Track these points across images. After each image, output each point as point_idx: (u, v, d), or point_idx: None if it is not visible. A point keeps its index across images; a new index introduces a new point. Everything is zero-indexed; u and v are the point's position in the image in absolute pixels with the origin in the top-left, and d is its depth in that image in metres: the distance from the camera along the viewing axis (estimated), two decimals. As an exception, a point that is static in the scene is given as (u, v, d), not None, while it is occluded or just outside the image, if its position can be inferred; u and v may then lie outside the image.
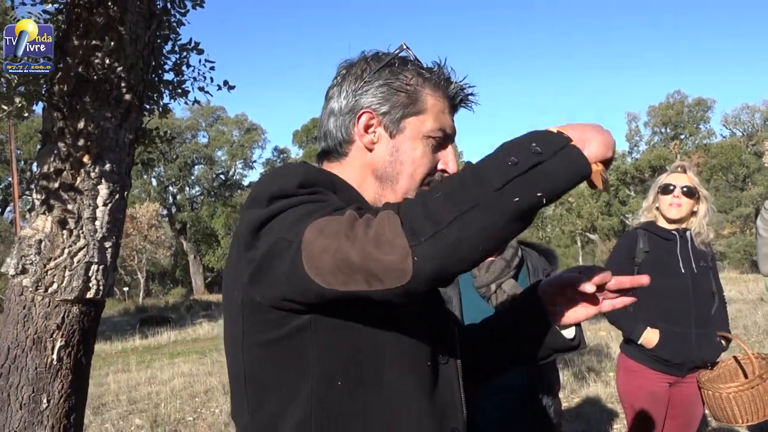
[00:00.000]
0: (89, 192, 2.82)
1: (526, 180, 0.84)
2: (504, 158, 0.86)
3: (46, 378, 2.77)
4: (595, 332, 9.62)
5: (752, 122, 46.32)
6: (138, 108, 3.02)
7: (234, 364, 1.11)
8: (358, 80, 1.14)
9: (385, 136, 1.14)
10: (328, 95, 1.19)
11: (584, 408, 5.60)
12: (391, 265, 0.84)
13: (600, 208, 40.56)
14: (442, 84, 1.15)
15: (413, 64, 1.15)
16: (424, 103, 1.13)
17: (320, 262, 0.88)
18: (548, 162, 0.85)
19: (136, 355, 12.64)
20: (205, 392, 7.88)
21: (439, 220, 0.83)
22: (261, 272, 0.97)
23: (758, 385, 2.62)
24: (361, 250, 0.85)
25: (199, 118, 41.78)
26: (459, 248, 0.83)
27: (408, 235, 0.83)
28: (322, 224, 0.90)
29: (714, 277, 3.07)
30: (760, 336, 8.32)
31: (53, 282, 2.77)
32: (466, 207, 0.83)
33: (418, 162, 1.13)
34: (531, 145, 0.86)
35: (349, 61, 1.19)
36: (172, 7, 3.41)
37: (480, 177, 0.86)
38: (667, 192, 3.01)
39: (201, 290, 37.50)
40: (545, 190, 0.84)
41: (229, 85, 3.82)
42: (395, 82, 1.13)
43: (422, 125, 1.13)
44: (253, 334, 1.05)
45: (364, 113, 1.13)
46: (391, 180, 1.14)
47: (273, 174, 1.08)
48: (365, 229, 0.86)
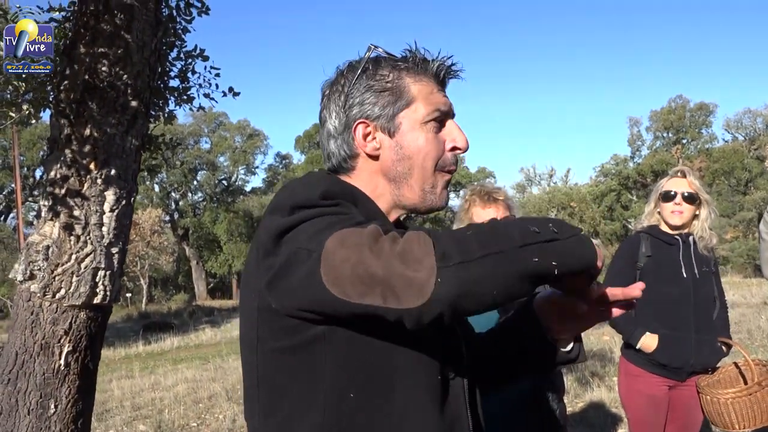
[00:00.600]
0: (96, 198, 2.85)
1: (544, 248, 0.89)
2: (526, 225, 0.91)
3: (53, 383, 2.79)
4: (598, 337, 9.61)
5: (754, 126, 46.29)
6: (144, 114, 3.04)
7: (248, 366, 1.12)
8: (341, 96, 1.15)
9: (385, 138, 1.14)
10: (320, 119, 1.20)
11: (588, 413, 5.60)
12: (414, 281, 0.84)
13: (602, 213, 40.53)
14: (420, 67, 1.15)
15: (386, 61, 1.15)
16: (409, 92, 1.13)
17: (339, 272, 0.89)
18: (564, 241, 0.92)
19: (139, 361, 12.66)
20: (209, 398, 7.89)
21: (468, 251, 0.86)
22: (278, 280, 0.98)
23: (756, 392, 2.62)
24: (386, 264, 0.86)
25: (202, 124, 41.91)
26: (480, 285, 0.86)
27: (437, 255, 0.85)
28: (344, 235, 0.91)
29: (716, 282, 3.08)
30: (764, 340, 8.30)
31: (61, 288, 2.79)
32: (494, 250, 0.86)
33: (424, 150, 1.14)
34: (548, 225, 0.93)
35: (328, 80, 1.20)
36: (177, 15, 3.45)
37: (506, 232, 0.90)
38: (669, 199, 3.02)
39: (204, 296, 37.54)
40: (559, 263, 0.90)
41: (234, 91, 3.86)
42: (375, 84, 1.13)
43: (416, 114, 1.13)
44: (268, 339, 1.06)
45: (359, 124, 1.13)
46: (405, 177, 1.14)
47: (296, 183, 1.09)
48: (391, 244, 0.87)
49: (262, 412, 1.09)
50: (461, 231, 0.90)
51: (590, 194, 42.75)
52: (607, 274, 3.21)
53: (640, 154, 48.09)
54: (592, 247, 0.95)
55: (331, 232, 0.92)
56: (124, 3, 2.84)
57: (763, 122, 45.58)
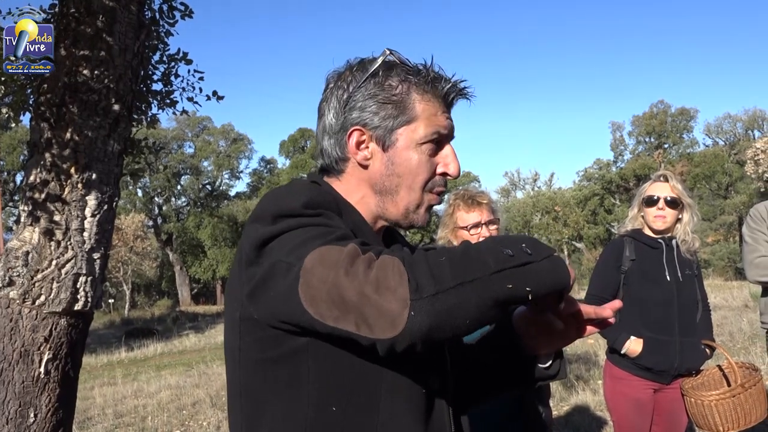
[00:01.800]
0: (77, 203, 2.80)
1: (518, 273, 0.88)
2: (499, 249, 0.89)
3: (33, 392, 2.74)
4: (582, 341, 9.66)
5: (734, 131, 47.00)
6: (126, 118, 3.01)
7: (231, 376, 1.11)
8: (344, 94, 1.11)
9: (378, 150, 1.11)
10: (319, 110, 1.17)
11: (573, 416, 5.61)
12: (387, 313, 0.83)
13: (586, 217, 40.86)
14: (431, 85, 1.11)
15: (399, 69, 1.11)
16: (413, 110, 1.10)
17: (316, 293, 0.88)
18: (538, 264, 0.90)
19: (121, 368, 12.51)
20: (193, 405, 7.81)
21: (442, 282, 0.84)
22: (259, 291, 0.97)
23: (740, 394, 2.64)
24: (358, 290, 0.84)
25: (185, 129, 41.68)
26: (453, 315, 0.84)
27: (411, 287, 0.83)
28: (323, 253, 0.89)
29: (699, 285, 3.10)
30: (745, 342, 8.39)
31: (41, 294, 2.74)
32: (468, 278, 0.85)
33: (415, 172, 1.11)
34: (522, 245, 0.91)
35: (335, 72, 1.16)
36: (160, 18, 3.42)
37: (479, 258, 0.88)
38: (652, 204, 3.04)
39: (187, 302, 37.23)
40: (532, 287, 0.88)
41: (218, 95, 3.83)
42: (381, 94, 1.10)
43: (414, 133, 1.10)
44: (250, 350, 1.04)
45: (354, 131, 1.11)
46: (390, 193, 1.13)
47: (279, 191, 1.07)
48: (365, 269, 0.85)
49: (245, 425, 1.07)
50: (435, 256, 0.89)
51: (574, 198, 43.09)
52: (592, 278, 3.22)
53: (623, 159, 48.64)
54: (565, 269, 0.93)
55: (312, 246, 0.91)
56: (106, 5, 2.80)
57: (743, 127, 46.31)
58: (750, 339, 8.54)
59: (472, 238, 2.49)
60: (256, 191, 44.07)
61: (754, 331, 8.66)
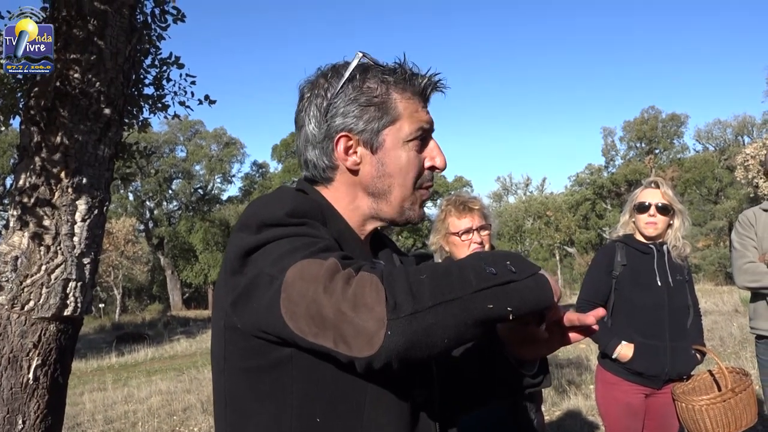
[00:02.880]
0: (67, 207, 2.78)
1: (500, 292, 0.88)
2: (483, 267, 0.89)
3: (21, 398, 2.71)
4: (574, 345, 9.68)
5: (724, 137, 47.34)
6: (117, 122, 2.99)
7: (217, 385, 1.10)
8: (323, 102, 1.10)
9: (367, 153, 1.11)
10: (297, 122, 1.16)
11: (565, 421, 5.62)
12: (363, 332, 0.83)
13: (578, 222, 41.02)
14: (408, 83, 1.12)
15: (375, 70, 1.11)
16: (395, 109, 1.10)
17: (296, 308, 0.88)
18: (521, 282, 0.90)
19: (112, 373, 12.42)
20: (184, 410, 7.76)
21: (421, 300, 0.84)
22: (242, 301, 0.97)
23: (730, 399, 2.65)
24: (336, 307, 0.84)
25: (177, 132, 41.52)
26: (431, 334, 0.84)
27: (389, 306, 0.82)
28: (304, 266, 0.89)
29: (690, 291, 3.12)
30: (736, 347, 8.44)
31: (30, 299, 2.72)
32: (448, 298, 0.85)
33: (405, 169, 1.12)
34: (506, 263, 0.91)
35: (308, 81, 1.15)
36: (152, 22, 3.40)
37: (461, 276, 0.88)
38: (643, 210, 3.05)
39: (179, 306, 37.04)
40: (514, 307, 0.88)
41: (210, 99, 3.82)
42: (361, 97, 1.09)
43: (400, 132, 1.11)
44: (234, 359, 1.04)
45: (341, 137, 1.10)
46: (384, 194, 1.13)
47: (264, 200, 1.07)
48: (344, 286, 0.85)
49: None
50: (416, 273, 0.88)
51: (566, 203, 43.26)
52: (584, 283, 3.24)
53: (614, 164, 48.89)
54: (548, 287, 0.93)
55: (294, 258, 0.91)
56: (97, 9, 2.79)
57: (733, 133, 46.64)
58: (740, 344, 8.58)
59: (464, 243, 2.49)
60: (248, 195, 43.95)
61: (745, 335, 8.71)
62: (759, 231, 3.24)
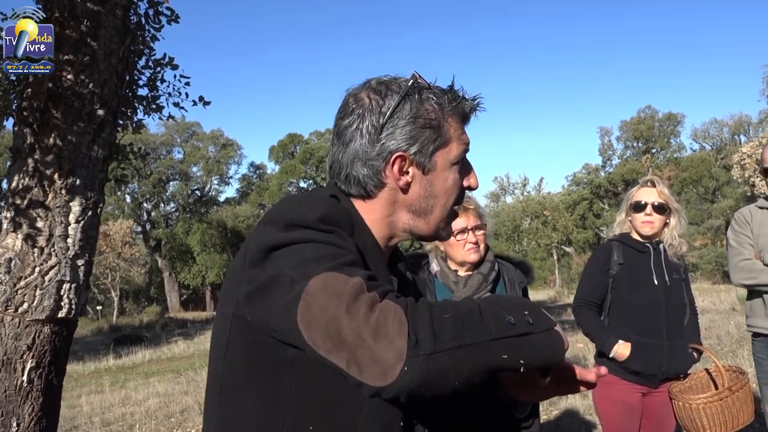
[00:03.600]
0: (61, 209, 2.77)
1: (516, 343, 0.89)
2: (503, 314, 0.90)
3: (15, 401, 2.70)
4: (572, 344, 9.69)
5: (721, 136, 47.45)
6: (111, 123, 2.98)
7: (214, 371, 1.10)
8: (379, 118, 1.09)
9: (419, 173, 1.12)
10: (342, 135, 1.12)
11: (563, 420, 5.62)
12: (380, 362, 0.83)
13: (575, 221, 41.07)
14: (458, 106, 1.14)
15: (429, 92, 1.11)
16: (447, 132, 1.12)
17: (314, 320, 0.87)
18: (537, 335, 0.92)
19: (109, 375, 12.39)
20: (181, 412, 7.74)
21: (441, 341, 0.84)
22: (257, 297, 0.96)
23: (727, 397, 2.64)
24: (355, 332, 0.84)
25: (174, 134, 41.48)
26: (444, 376, 0.84)
27: (410, 343, 0.83)
28: (329, 279, 0.89)
29: (686, 289, 3.12)
30: (733, 345, 8.44)
31: (24, 301, 2.71)
32: (467, 342, 0.86)
33: (450, 191, 1.15)
34: (524, 313, 0.92)
35: (354, 94, 1.13)
36: (146, 22, 3.40)
37: (482, 321, 0.88)
38: (639, 209, 3.05)
39: (176, 308, 36.98)
40: (526, 360, 0.90)
41: (204, 100, 3.81)
42: (419, 119, 1.09)
43: (449, 155, 1.13)
44: (237, 348, 1.03)
45: (397, 157, 1.09)
46: (425, 213, 1.14)
47: (297, 199, 1.07)
48: (367, 311, 0.85)
49: (221, 424, 1.06)
50: (440, 310, 0.88)
51: (563, 203, 43.30)
52: (581, 282, 3.23)
53: (611, 164, 48.97)
54: (560, 345, 0.94)
55: (318, 266, 0.90)
56: (90, 9, 2.78)
57: (729, 132, 46.75)
58: (737, 342, 8.59)
59: (458, 243, 2.48)
60: (245, 197, 43.92)
61: (742, 334, 8.72)
62: (755, 229, 3.24)
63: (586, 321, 3.10)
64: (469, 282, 2.48)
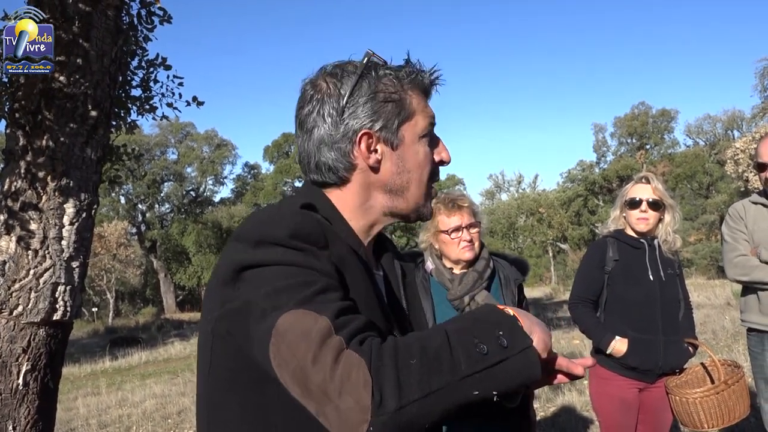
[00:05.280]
0: (54, 211, 2.76)
1: (489, 375, 0.87)
2: (474, 344, 0.88)
3: (11, 404, 2.68)
4: (568, 341, 9.71)
5: (714, 132, 47.61)
6: (105, 124, 2.97)
7: (201, 390, 1.09)
8: (339, 101, 1.08)
9: (388, 150, 1.11)
10: (305, 124, 1.12)
11: (560, 417, 5.63)
12: (346, 421, 0.82)
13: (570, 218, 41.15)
14: (418, 79, 1.13)
15: (385, 68, 1.11)
16: (410, 105, 1.11)
17: (283, 363, 0.87)
18: (511, 360, 0.88)
19: (106, 377, 12.35)
20: (178, 413, 7.72)
21: (407, 394, 0.83)
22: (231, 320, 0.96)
23: (723, 391, 2.66)
24: (321, 387, 0.83)
25: (168, 135, 41.35)
26: (414, 423, 0.84)
27: (374, 401, 0.81)
28: (297, 318, 0.88)
29: (681, 284, 3.13)
30: (728, 340, 8.48)
31: (18, 304, 2.69)
32: (435, 388, 0.84)
33: (422, 164, 1.14)
34: (498, 333, 0.89)
35: (311, 81, 1.13)
36: (138, 23, 3.38)
37: (451, 359, 0.86)
38: (634, 206, 3.05)
39: (172, 309, 36.88)
40: (500, 390, 0.87)
41: (198, 101, 3.80)
42: (379, 94, 1.09)
43: (416, 128, 1.12)
44: (220, 367, 1.02)
45: (363, 135, 1.09)
46: (402, 190, 1.14)
47: (267, 213, 1.05)
48: (332, 363, 0.84)
49: None
50: (406, 355, 0.86)
51: (558, 200, 43.37)
52: (576, 279, 3.24)
53: (606, 160, 49.07)
54: (536, 365, 0.91)
55: (289, 298, 0.89)
56: (82, 10, 2.77)
57: (723, 127, 46.91)
58: (732, 337, 8.63)
59: (453, 241, 2.48)
60: (240, 197, 43.81)
61: (737, 329, 8.75)
62: (749, 224, 3.25)
63: (583, 318, 3.11)
64: (464, 280, 2.48)
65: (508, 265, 2.62)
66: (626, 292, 3.02)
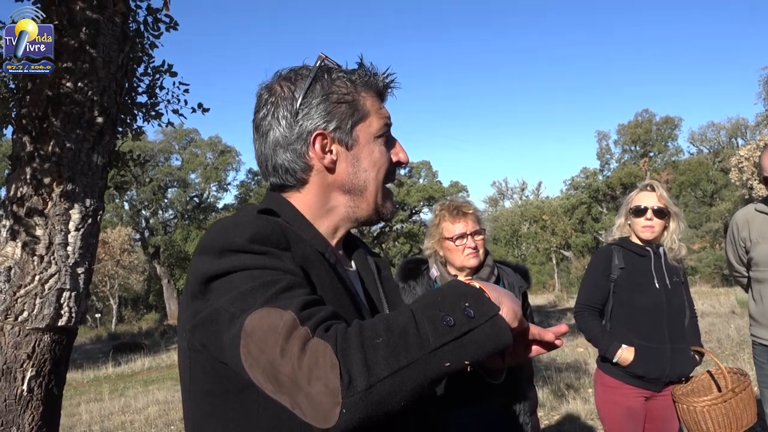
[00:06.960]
0: (60, 217, 2.77)
1: (458, 345, 0.87)
2: (440, 317, 0.88)
3: (15, 410, 2.68)
4: (572, 349, 9.67)
5: (718, 139, 47.51)
6: (111, 131, 2.98)
7: (185, 407, 1.09)
8: (293, 103, 1.11)
9: (342, 150, 1.13)
10: (260, 128, 1.15)
11: (564, 425, 5.60)
12: (318, 407, 0.82)
13: (574, 226, 41.07)
14: (371, 81, 1.16)
15: (339, 71, 1.14)
16: (364, 106, 1.14)
17: (254, 362, 0.87)
18: (479, 329, 0.89)
19: (108, 383, 12.35)
20: (181, 420, 7.70)
21: (375, 372, 0.83)
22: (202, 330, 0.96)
23: (731, 399, 2.64)
24: (291, 378, 0.83)
25: (172, 141, 41.46)
26: (387, 402, 0.83)
27: (343, 383, 0.81)
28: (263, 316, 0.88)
29: (685, 292, 3.11)
30: (733, 348, 8.43)
31: (23, 310, 2.70)
32: (403, 363, 0.84)
33: (379, 163, 1.15)
34: (464, 305, 0.90)
35: (266, 86, 1.16)
36: (145, 30, 3.40)
37: (418, 334, 0.86)
38: (639, 214, 3.04)
39: (175, 315, 36.68)
40: (472, 358, 0.88)
41: (203, 107, 3.81)
42: (332, 96, 1.11)
43: (370, 128, 1.14)
44: (199, 382, 1.02)
45: (317, 136, 1.11)
46: (360, 189, 1.15)
47: (225, 223, 1.05)
48: (299, 353, 0.84)
49: None
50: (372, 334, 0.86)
51: (561, 207, 43.32)
52: (582, 287, 3.22)
53: (609, 167, 48.99)
54: (507, 331, 0.92)
55: (254, 299, 0.90)
56: (89, 17, 2.78)
57: (726, 135, 46.81)
58: (738, 345, 8.58)
59: (458, 248, 2.48)
60: (244, 203, 43.85)
61: (742, 337, 8.71)
62: (753, 234, 3.23)
63: (588, 326, 3.09)
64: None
65: (512, 273, 2.62)
66: (632, 300, 3.00)
